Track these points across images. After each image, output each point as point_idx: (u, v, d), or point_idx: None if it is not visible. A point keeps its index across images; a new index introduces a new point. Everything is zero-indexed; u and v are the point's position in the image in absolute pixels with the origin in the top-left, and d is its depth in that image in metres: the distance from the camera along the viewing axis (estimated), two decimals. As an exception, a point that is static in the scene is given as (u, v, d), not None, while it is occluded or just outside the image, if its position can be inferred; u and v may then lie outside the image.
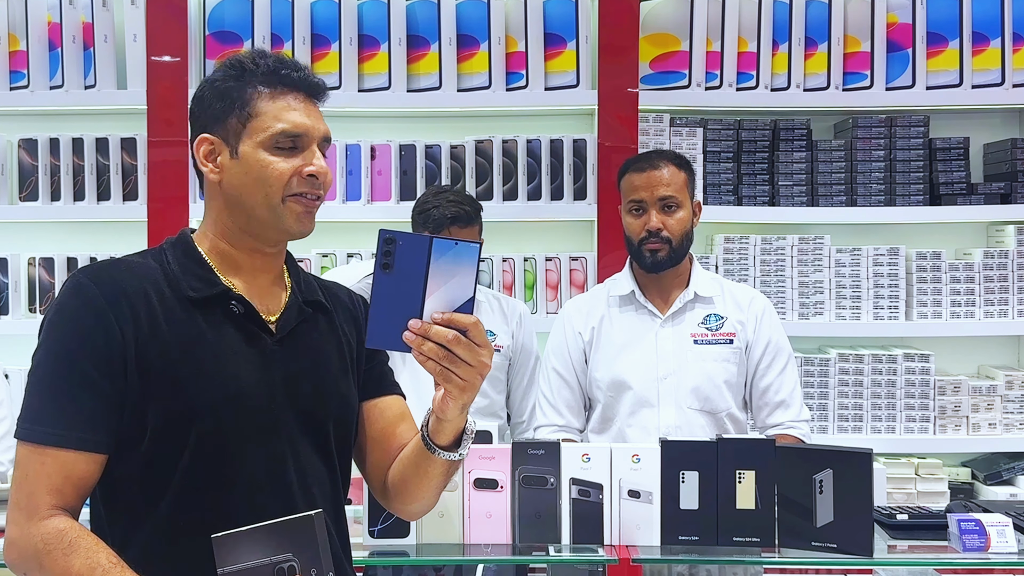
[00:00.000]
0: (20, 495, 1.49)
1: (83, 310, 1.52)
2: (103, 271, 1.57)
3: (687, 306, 2.76)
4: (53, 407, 1.50)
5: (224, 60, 1.65)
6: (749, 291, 2.86)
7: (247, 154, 1.58)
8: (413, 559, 2.25)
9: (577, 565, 2.50)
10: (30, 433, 1.50)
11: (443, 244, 1.47)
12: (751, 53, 3.60)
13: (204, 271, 1.61)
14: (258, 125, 1.58)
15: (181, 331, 1.55)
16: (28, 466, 1.49)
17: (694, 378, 2.70)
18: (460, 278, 1.47)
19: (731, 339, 2.73)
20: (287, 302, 1.67)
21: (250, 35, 3.60)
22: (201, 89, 1.65)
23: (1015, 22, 3.60)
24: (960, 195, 3.59)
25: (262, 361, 1.59)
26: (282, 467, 1.59)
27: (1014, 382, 3.58)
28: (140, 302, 1.54)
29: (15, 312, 3.61)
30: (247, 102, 1.59)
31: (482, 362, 1.49)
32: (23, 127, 3.68)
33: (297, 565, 1.45)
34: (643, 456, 2.23)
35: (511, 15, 3.61)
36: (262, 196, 1.58)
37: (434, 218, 2.93)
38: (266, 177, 1.58)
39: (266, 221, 1.60)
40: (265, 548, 1.45)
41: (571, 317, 2.85)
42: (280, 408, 1.59)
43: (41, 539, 1.46)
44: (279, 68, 1.60)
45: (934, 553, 2.25)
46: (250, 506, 1.54)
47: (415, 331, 1.47)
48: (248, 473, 1.56)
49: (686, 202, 2.72)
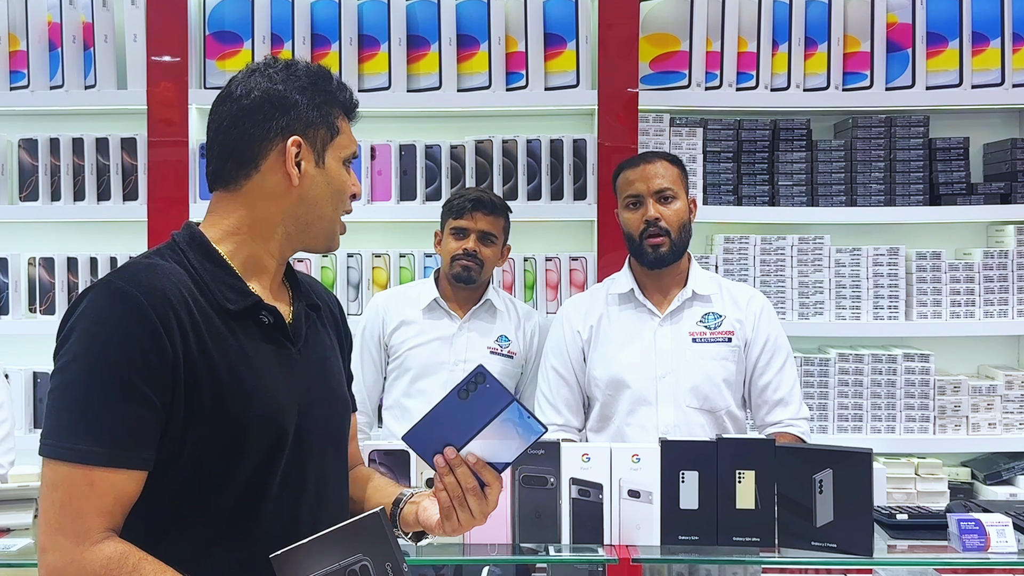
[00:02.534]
0: (64, 519, 1.40)
1: (129, 320, 1.43)
2: (142, 277, 1.48)
3: (685, 304, 2.77)
4: (99, 425, 1.41)
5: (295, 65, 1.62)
6: (747, 290, 2.87)
7: (332, 167, 1.63)
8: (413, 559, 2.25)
9: (577, 565, 2.50)
10: (73, 454, 1.40)
11: (518, 410, 1.52)
12: (751, 53, 3.60)
13: (232, 279, 1.57)
14: (342, 142, 1.64)
15: (223, 345, 1.50)
16: (73, 488, 1.40)
17: (693, 377, 2.71)
18: (511, 443, 1.54)
19: (729, 337, 2.74)
20: (294, 309, 1.66)
21: (250, 35, 3.60)
22: (282, 89, 1.59)
23: (1015, 22, 3.60)
24: (960, 195, 3.59)
25: (291, 374, 1.58)
26: (305, 476, 1.58)
27: (1014, 382, 3.58)
28: (184, 312, 1.47)
29: (15, 312, 3.61)
30: (335, 118, 1.64)
31: (484, 516, 1.57)
32: (23, 127, 3.68)
33: (370, 563, 1.46)
34: (643, 456, 2.23)
35: (511, 15, 3.61)
36: (332, 209, 1.64)
37: (457, 202, 3.05)
38: (344, 192, 1.65)
39: (325, 232, 1.65)
40: (332, 555, 1.46)
41: (570, 316, 2.86)
42: (305, 418, 1.58)
43: (101, 565, 1.39)
44: (352, 96, 1.68)
45: (934, 553, 2.25)
46: (277, 519, 1.53)
47: (448, 458, 1.54)
48: (277, 486, 1.54)
49: (682, 194, 2.75)
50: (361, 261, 3.61)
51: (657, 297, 2.79)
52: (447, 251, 3.07)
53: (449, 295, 3.13)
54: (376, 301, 3.20)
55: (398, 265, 3.63)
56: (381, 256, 3.63)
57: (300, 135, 1.58)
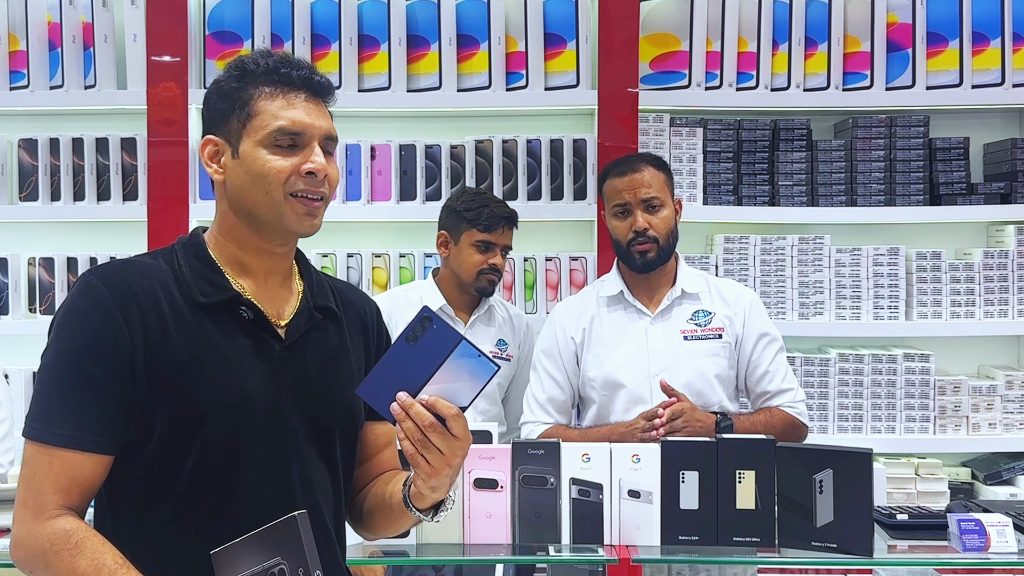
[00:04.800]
0: (27, 494, 1.49)
1: (92, 311, 1.51)
2: (114, 272, 1.56)
3: (675, 303, 2.82)
4: (61, 408, 1.50)
5: (230, 61, 1.67)
6: (735, 286, 2.92)
7: (246, 153, 1.59)
8: (413, 559, 2.25)
9: (577, 565, 2.50)
10: (37, 432, 1.50)
11: (468, 349, 1.47)
12: (751, 53, 3.60)
13: (214, 274, 1.61)
14: (257, 124, 1.58)
15: (190, 336, 1.54)
16: (36, 465, 1.50)
17: (686, 374, 2.74)
18: (465, 384, 1.50)
19: (720, 334, 2.79)
20: (298, 307, 1.66)
21: (250, 35, 3.60)
22: (208, 91, 1.67)
23: (1015, 22, 3.59)
24: (960, 195, 3.59)
25: (270, 367, 1.59)
26: (285, 473, 1.59)
27: (1014, 382, 3.58)
28: (150, 305, 1.53)
29: (15, 312, 3.61)
30: (247, 101, 1.60)
31: (454, 453, 1.50)
32: (23, 127, 3.68)
33: (286, 568, 1.45)
34: (643, 456, 2.23)
35: (511, 15, 3.61)
36: (262, 194, 1.58)
37: (486, 215, 3.00)
38: (264, 175, 1.57)
39: (268, 220, 1.60)
40: (257, 555, 1.47)
41: (562, 320, 2.89)
42: (286, 415, 1.59)
43: (48, 539, 1.46)
44: (279, 67, 1.61)
45: (934, 553, 2.26)
46: (252, 512, 1.54)
47: (401, 403, 1.48)
48: (251, 479, 1.56)
49: (668, 201, 2.79)
50: (361, 261, 3.61)
51: (646, 297, 2.84)
52: (471, 263, 3.02)
53: (454, 300, 3.11)
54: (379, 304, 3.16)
55: (398, 265, 3.63)
56: (381, 256, 3.63)
57: (212, 133, 1.63)
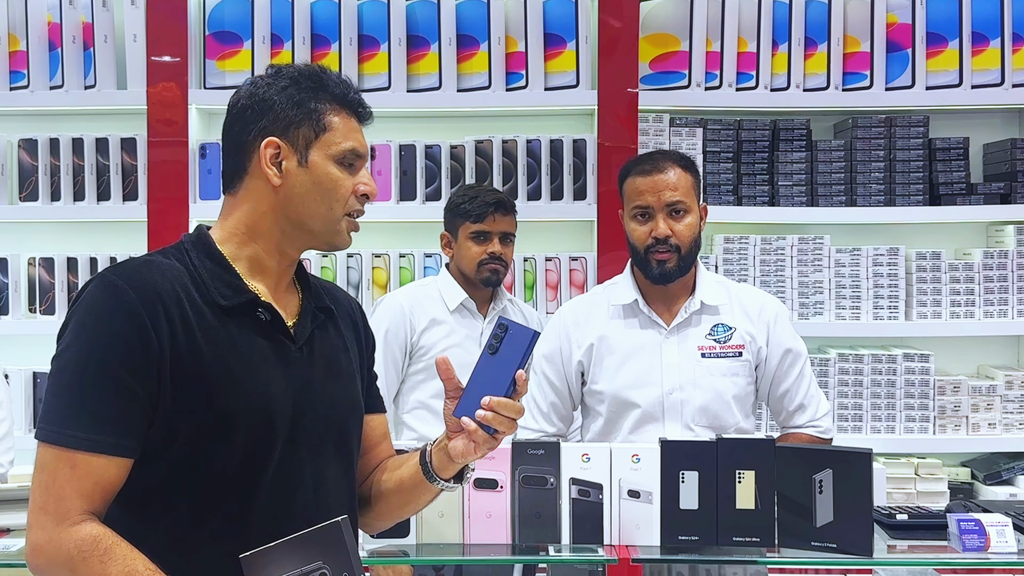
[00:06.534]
0: (47, 499, 1.47)
1: (117, 311, 1.49)
2: (135, 272, 1.54)
3: (692, 316, 2.60)
4: (84, 411, 1.47)
5: (286, 68, 1.66)
6: (758, 296, 2.70)
7: (317, 164, 1.62)
8: (413, 559, 2.25)
9: (577, 565, 2.50)
10: (57, 436, 1.47)
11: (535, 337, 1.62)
12: (751, 53, 3.60)
13: (230, 276, 1.61)
14: (330, 139, 1.62)
15: (213, 339, 1.54)
16: (56, 470, 1.47)
17: (703, 395, 2.56)
18: None
19: (740, 351, 2.58)
20: (301, 308, 1.68)
21: (250, 35, 3.60)
22: (263, 92, 1.63)
23: (1015, 22, 3.60)
24: (960, 195, 3.59)
25: (287, 369, 1.60)
26: (301, 474, 1.60)
27: (1014, 382, 3.58)
28: (174, 306, 1.52)
29: (15, 312, 3.61)
30: (322, 114, 1.63)
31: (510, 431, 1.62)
32: (23, 127, 3.68)
33: (328, 572, 1.46)
34: (643, 456, 2.23)
35: (511, 15, 3.61)
36: (326, 208, 1.63)
37: (475, 205, 3.02)
38: (334, 189, 1.63)
39: (319, 232, 1.64)
40: (295, 560, 1.46)
41: (568, 327, 2.67)
42: (301, 415, 1.60)
43: (75, 545, 1.44)
44: (348, 92, 1.67)
45: (934, 553, 2.25)
46: (270, 514, 1.55)
47: (489, 407, 1.58)
48: (269, 481, 1.56)
49: (694, 206, 2.57)
50: (361, 261, 3.61)
51: (662, 307, 2.62)
52: (470, 256, 3.04)
53: (472, 294, 3.13)
54: (396, 302, 3.12)
55: (398, 265, 3.63)
56: (381, 256, 3.63)
57: (278, 136, 1.61)
